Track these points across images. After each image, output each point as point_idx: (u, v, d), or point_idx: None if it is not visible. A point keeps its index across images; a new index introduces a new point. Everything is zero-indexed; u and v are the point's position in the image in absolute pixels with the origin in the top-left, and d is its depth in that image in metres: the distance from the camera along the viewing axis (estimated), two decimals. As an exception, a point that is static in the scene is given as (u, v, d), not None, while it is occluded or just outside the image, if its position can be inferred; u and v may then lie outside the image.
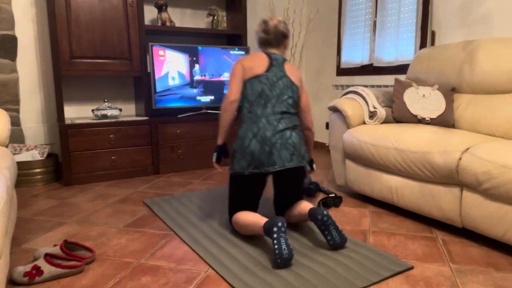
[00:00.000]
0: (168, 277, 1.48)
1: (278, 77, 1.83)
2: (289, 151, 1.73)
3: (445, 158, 1.79)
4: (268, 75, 1.82)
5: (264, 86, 1.79)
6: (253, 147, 1.70)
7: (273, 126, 1.73)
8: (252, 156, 1.70)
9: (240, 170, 1.73)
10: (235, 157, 1.76)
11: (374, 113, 2.40)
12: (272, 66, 1.85)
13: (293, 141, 1.75)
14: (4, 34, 2.84)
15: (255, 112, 1.77)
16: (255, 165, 1.71)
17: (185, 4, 3.52)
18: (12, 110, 2.93)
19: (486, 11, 2.55)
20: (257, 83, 1.80)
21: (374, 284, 1.42)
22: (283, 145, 1.72)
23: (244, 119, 1.79)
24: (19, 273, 1.43)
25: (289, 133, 1.75)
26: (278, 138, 1.72)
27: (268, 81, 1.81)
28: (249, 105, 1.79)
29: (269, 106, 1.77)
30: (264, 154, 1.70)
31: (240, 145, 1.74)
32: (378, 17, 3.20)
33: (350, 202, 2.38)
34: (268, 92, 1.79)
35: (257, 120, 1.75)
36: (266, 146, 1.70)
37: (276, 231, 1.52)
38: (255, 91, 1.79)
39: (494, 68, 2.21)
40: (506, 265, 1.57)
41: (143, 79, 3.07)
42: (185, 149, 3.18)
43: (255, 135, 1.72)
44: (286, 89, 1.83)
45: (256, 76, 1.81)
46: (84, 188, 2.72)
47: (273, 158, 1.70)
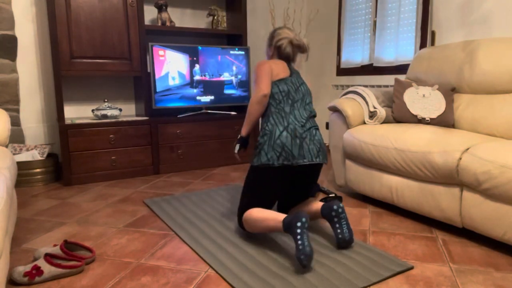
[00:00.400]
0: (168, 277, 1.48)
1: (299, 83, 1.89)
2: (316, 147, 1.76)
3: (445, 158, 1.79)
4: (292, 79, 1.87)
5: (290, 88, 1.83)
6: (284, 139, 1.70)
7: (301, 123, 1.77)
8: (282, 147, 1.69)
9: (269, 161, 1.69)
10: (262, 149, 1.73)
11: (374, 113, 2.40)
12: (293, 74, 1.91)
13: (319, 139, 1.79)
14: (4, 34, 2.84)
15: (283, 109, 1.79)
16: (285, 156, 1.69)
17: (185, 4, 3.52)
18: (12, 110, 2.93)
19: (486, 11, 2.55)
20: (283, 84, 1.83)
21: (374, 284, 1.42)
22: (311, 141, 1.75)
23: (272, 115, 1.79)
24: (19, 273, 1.43)
25: (315, 131, 1.80)
26: (308, 134, 1.75)
27: (293, 85, 1.85)
28: (276, 103, 1.81)
29: (295, 106, 1.81)
30: (296, 146, 1.70)
31: (269, 137, 1.73)
32: (378, 17, 3.20)
33: (350, 202, 2.38)
34: (294, 94, 1.83)
35: (286, 116, 1.77)
36: (297, 138, 1.71)
37: (300, 226, 1.48)
38: (282, 91, 1.82)
39: (494, 68, 2.21)
40: (506, 265, 1.57)
41: (143, 79, 3.07)
42: (185, 149, 3.18)
43: (286, 128, 1.73)
44: (307, 95, 1.89)
45: (282, 78, 1.85)
46: (84, 188, 2.72)
47: (303, 151, 1.71)
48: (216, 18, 3.43)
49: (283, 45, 1.91)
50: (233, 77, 3.37)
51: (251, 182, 1.77)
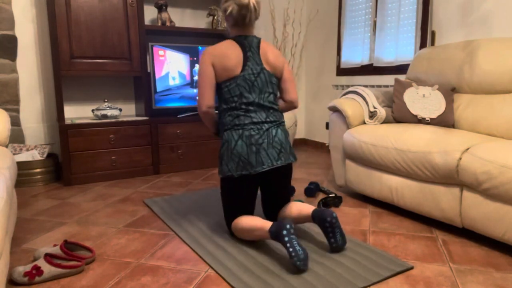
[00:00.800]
0: (168, 277, 1.48)
1: (256, 74, 1.72)
2: (276, 149, 1.68)
3: (445, 158, 1.79)
4: (244, 74, 1.70)
5: (242, 89, 1.70)
6: (240, 148, 1.65)
7: (258, 126, 1.69)
8: (239, 157, 1.65)
9: (229, 172, 1.68)
10: (222, 160, 1.70)
11: (374, 113, 2.41)
12: (248, 61, 1.72)
13: (279, 139, 1.70)
14: (4, 34, 2.84)
15: (237, 114, 1.70)
16: (243, 166, 1.65)
17: (185, 4, 3.52)
18: (12, 110, 2.93)
19: (486, 11, 2.55)
20: (234, 86, 1.70)
21: (374, 284, 1.42)
22: (270, 144, 1.68)
23: (226, 123, 1.72)
24: (19, 273, 1.43)
25: (275, 131, 1.71)
26: (265, 138, 1.67)
27: (246, 82, 1.70)
28: (229, 108, 1.72)
29: (250, 107, 1.70)
30: (252, 154, 1.65)
31: (227, 148, 1.69)
32: (378, 17, 3.20)
33: (350, 202, 2.38)
34: (247, 94, 1.70)
35: (241, 122, 1.69)
36: (252, 146, 1.66)
37: (286, 234, 1.48)
38: (233, 94, 1.71)
39: (494, 68, 2.21)
40: (506, 265, 1.57)
41: (143, 79, 3.07)
42: (185, 149, 3.18)
43: (241, 136, 1.67)
44: (265, 86, 1.74)
45: (232, 78, 1.70)
46: (84, 188, 2.72)
47: (260, 158, 1.65)
48: (216, 18, 3.43)
49: (228, 7, 1.72)
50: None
51: (223, 191, 1.77)
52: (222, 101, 1.74)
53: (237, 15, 1.71)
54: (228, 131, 1.70)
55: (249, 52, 1.73)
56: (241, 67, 1.71)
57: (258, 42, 1.77)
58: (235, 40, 1.76)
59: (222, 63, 1.70)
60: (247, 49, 1.73)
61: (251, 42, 1.75)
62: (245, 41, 1.75)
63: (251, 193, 1.76)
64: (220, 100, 1.77)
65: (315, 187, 2.48)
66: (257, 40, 1.77)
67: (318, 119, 4.17)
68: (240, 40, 1.75)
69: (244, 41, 1.75)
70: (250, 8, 1.70)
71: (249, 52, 1.73)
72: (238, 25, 1.76)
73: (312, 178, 2.96)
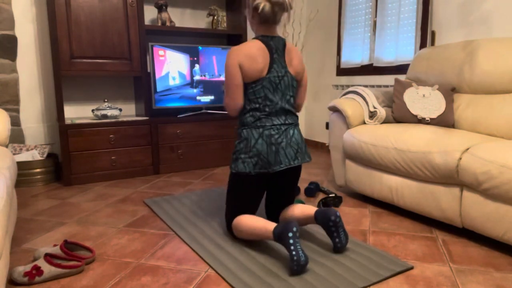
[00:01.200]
0: (168, 277, 1.48)
1: (280, 77, 1.71)
2: (294, 149, 1.70)
3: (445, 158, 1.79)
4: (270, 77, 1.68)
5: (267, 91, 1.69)
6: (260, 146, 1.65)
7: (277, 126, 1.69)
8: (258, 155, 1.65)
9: (245, 170, 1.67)
10: (239, 157, 1.69)
11: (374, 113, 2.40)
12: (274, 63, 1.69)
13: (296, 139, 1.72)
14: (4, 34, 2.84)
15: (259, 116, 1.70)
16: (262, 164, 1.65)
17: (185, 4, 3.52)
18: (12, 110, 2.93)
19: (486, 11, 2.55)
20: (260, 87, 1.68)
21: (374, 284, 1.42)
22: (288, 144, 1.69)
23: (247, 122, 1.71)
24: (19, 273, 1.43)
25: (292, 131, 1.72)
26: (283, 137, 1.68)
27: (271, 85, 1.69)
28: (251, 108, 1.71)
29: (272, 108, 1.70)
30: (271, 154, 1.65)
31: (245, 145, 1.68)
32: (378, 17, 3.20)
33: (350, 202, 2.38)
34: (271, 96, 1.69)
35: (261, 122, 1.69)
36: (273, 145, 1.66)
37: (292, 236, 1.46)
38: (258, 96, 1.69)
39: (494, 68, 2.21)
40: (506, 265, 1.57)
41: (143, 79, 3.07)
42: (185, 149, 3.18)
43: (261, 135, 1.67)
44: (287, 89, 1.73)
45: (259, 80, 1.68)
46: (84, 188, 2.72)
47: (279, 157, 1.66)
48: (216, 18, 3.43)
49: (260, 4, 1.62)
50: (233, 77, 3.37)
51: (233, 188, 1.76)
52: (246, 100, 1.72)
53: (269, 13, 1.64)
54: (248, 129, 1.70)
55: (275, 54, 1.69)
56: (267, 69, 1.68)
57: (284, 44, 1.73)
58: (261, 40, 1.69)
59: (249, 64, 1.65)
60: (273, 51, 1.69)
61: (277, 43, 1.71)
62: (272, 42, 1.69)
63: (261, 192, 1.77)
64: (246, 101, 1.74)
65: (315, 187, 2.48)
66: (283, 41, 1.73)
67: (318, 119, 4.17)
68: (266, 41, 1.69)
69: (271, 42, 1.69)
70: (285, 5, 1.64)
71: (275, 54, 1.69)
72: (267, 23, 1.68)
73: (312, 178, 2.96)
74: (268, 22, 1.67)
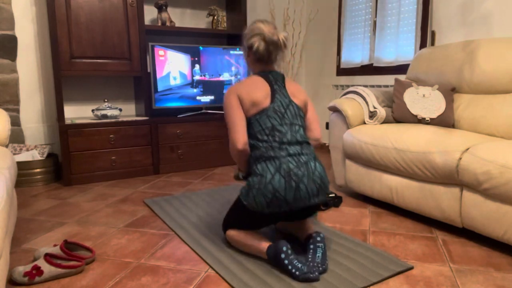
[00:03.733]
0: (168, 277, 1.48)
1: (285, 106, 1.60)
2: (316, 184, 1.51)
3: (445, 158, 1.79)
4: (274, 106, 1.58)
5: (274, 121, 1.56)
6: (277, 183, 1.46)
7: (296, 158, 1.52)
8: (274, 193, 1.46)
9: (256, 208, 1.52)
10: (250, 191, 1.52)
11: (374, 113, 2.40)
12: (275, 94, 1.61)
13: (319, 173, 1.54)
14: (4, 34, 2.84)
15: (271, 147, 1.54)
16: (277, 204, 1.48)
17: (185, 4, 3.52)
18: (12, 110, 2.93)
19: (486, 11, 2.55)
20: (265, 118, 1.56)
21: (374, 284, 1.42)
22: (310, 178, 1.50)
23: (259, 155, 1.55)
24: (19, 273, 1.43)
25: (313, 164, 1.54)
26: (304, 171, 1.50)
27: (277, 114, 1.58)
28: (261, 142, 1.56)
29: (284, 140, 1.55)
30: (290, 190, 1.47)
31: (259, 181, 1.49)
32: (378, 17, 3.20)
33: (350, 202, 2.38)
34: (280, 126, 1.56)
35: (276, 154, 1.52)
36: (292, 181, 1.47)
37: (285, 257, 1.45)
38: (264, 127, 1.56)
39: (494, 68, 2.21)
40: (506, 265, 1.57)
41: (143, 79, 3.07)
42: (185, 149, 3.18)
43: (278, 169, 1.48)
44: (295, 119, 1.61)
45: (263, 110, 1.57)
46: (84, 188, 2.72)
47: (299, 194, 1.48)
48: (216, 18, 3.43)
49: (254, 43, 1.60)
50: (232, 77, 3.38)
51: (238, 209, 1.62)
52: (252, 135, 1.59)
53: (263, 52, 1.61)
54: (263, 163, 1.52)
55: (276, 85, 1.63)
56: (269, 98, 1.59)
57: (283, 77, 1.69)
58: (259, 75, 1.66)
59: (249, 96, 1.58)
60: (273, 82, 1.64)
61: (276, 76, 1.66)
62: (270, 75, 1.65)
63: (268, 223, 1.65)
64: (249, 135, 1.61)
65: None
66: (281, 75, 1.69)
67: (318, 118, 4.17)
68: (264, 75, 1.65)
69: (269, 75, 1.66)
70: (279, 45, 1.61)
71: (276, 85, 1.63)
72: (263, 62, 1.66)
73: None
74: (263, 60, 1.65)
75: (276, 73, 1.68)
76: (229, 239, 1.70)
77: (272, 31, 1.60)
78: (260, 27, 1.61)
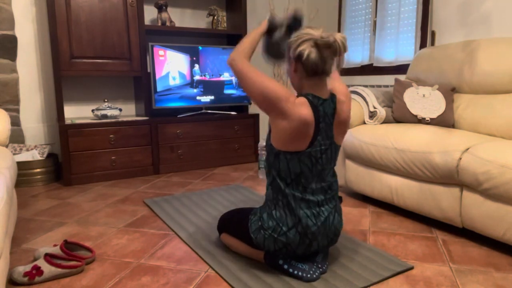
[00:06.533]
0: (168, 277, 1.48)
1: (323, 151, 1.38)
2: (329, 238, 1.45)
3: (445, 158, 1.79)
4: (311, 151, 1.35)
5: (304, 168, 1.37)
6: (291, 237, 1.39)
7: (316, 213, 1.40)
8: (286, 245, 1.41)
9: (264, 248, 1.46)
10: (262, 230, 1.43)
11: (374, 113, 2.40)
12: (318, 136, 1.35)
13: (336, 227, 1.45)
14: (4, 34, 2.84)
15: (293, 193, 1.39)
16: (285, 251, 1.43)
17: (185, 4, 3.52)
18: (12, 110, 2.93)
19: (486, 11, 2.55)
20: (296, 162, 1.36)
21: (374, 284, 1.42)
22: (324, 235, 1.43)
23: (280, 198, 1.42)
24: (19, 273, 1.43)
25: (332, 218, 1.43)
26: (322, 229, 1.41)
27: (310, 160, 1.37)
28: (284, 182, 1.40)
29: (309, 188, 1.40)
30: (302, 245, 1.41)
31: (274, 228, 1.40)
32: (378, 17, 3.20)
33: (350, 202, 2.38)
34: (309, 173, 1.38)
35: (296, 205, 1.39)
36: (307, 238, 1.40)
37: (283, 262, 1.45)
38: (292, 171, 1.38)
39: (494, 68, 2.21)
40: (506, 265, 1.57)
41: (143, 79, 3.07)
42: (185, 149, 3.18)
43: (296, 225, 1.38)
44: (329, 162, 1.42)
45: (296, 153, 1.35)
46: (84, 188, 2.72)
47: (310, 249, 1.43)
48: (216, 18, 3.43)
49: (304, 51, 1.29)
50: (233, 77, 3.38)
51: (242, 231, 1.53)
52: (275, 170, 1.42)
53: (317, 60, 1.31)
54: (281, 210, 1.41)
55: (323, 123, 1.36)
56: (309, 140, 1.34)
57: (335, 105, 1.40)
58: (309, 101, 1.34)
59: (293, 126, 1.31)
60: (320, 119, 1.35)
61: (327, 109, 1.37)
62: (321, 108, 1.35)
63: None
64: (273, 166, 1.43)
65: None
66: (333, 104, 1.39)
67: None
68: (315, 106, 1.34)
69: (320, 107, 1.35)
70: (337, 48, 1.30)
71: (323, 123, 1.36)
72: (316, 75, 1.35)
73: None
74: (316, 74, 1.35)
75: (329, 102, 1.38)
76: (224, 242, 1.69)
77: (324, 34, 1.30)
78: (309, 32, 1.31)
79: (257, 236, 1.45)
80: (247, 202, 2.35)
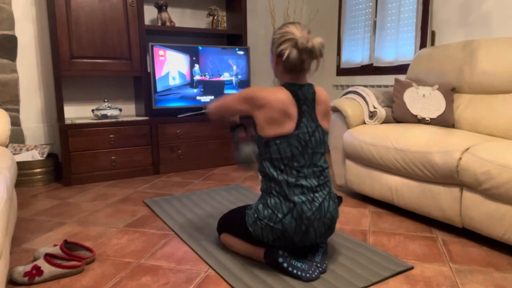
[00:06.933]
0: (168, 277, 1.48)
1: (311, 133, 1.45)
2: (326, 226, 1.47)
3: (445, 158, 1.79)
4: (299, 134, 1.43)
5: (295, 151, 1.43)
6: (287, 224, 1.41)
7: (310, 198, 1.44)
8: (282, 233, 1.43)
9: (262, 239, 1.48)
10: (258, 221, 1.46)
11: (374, 113, 2.40)
12: (302, 118, 1.44)
13: (331, 214, 1.48)
14: (4, 34, 2.84)
15: (286, 179, 1.43)
16: (284, 241, 1.45)
17: (185, 4, 3.52)
18: (12, 110, 2.93)
19: (486, 11, 2.55)
20: (286, 146, 1.42)
21: (374, 284, 1.42)
22: (321, 221, 1.45)
23: (273, 186, 1.46)
24: (19, 273, 1.43)
25: (327, 204, 1.47)
26: (317, 214, 1.44)
27: (300, 143, 1.43)
28: (277, 170, 1.45)
29: (301, 172, 1.45)
30: (299, 233, 1.43)
31: (270, 217, 1.43)
32: (378, 17, 3.20)
33: (350, 202, 2.38)
34: (300, 156, 1.44)
35: (290, 191, 1.43)
36: (303, 224, 1.42)
37: (282, 261, 1.45)
38: (284, 156, 1.43)
39: (494, 68, 2.21)
40: (506, 265, 1.57)
41: (143, 79, 3.07)
42: (185, 149, 3.18)
43: (291, 210, 1.41)
44: (318, 146, 1.48)
45: (284, 136, 1.42)
46: (84, 188, 2.72)
47: (307, 236, 1.45)
48: (216, 18, 3.43)
49: (285, 51, 1.40)
50: (233, 77, 3.38)
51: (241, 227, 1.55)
52: (268, 160, 1.47)
53: (295, 60, 1.41)
54: (276, 198, 1.45)
55: (304, 105, 1.45)
56: (294, 123, 1.43)
57: (314, 93, 1.49)
58: (288, 89, 1.45)
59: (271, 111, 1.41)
60: (301, 102, 1.45)
61: (306, 93, 1.47)
62: (300, 92, 1.45)
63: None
64: (264, 158, 1.48)
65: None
66: (312, 90, 1.49)
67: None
68: (294, 90, 1.45)
69: (299, 91, 1.45)
70: (314, 53, 1.38)
71: (304, 105, 1.45)
72: (294, 72, 1.46)
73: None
74: (294, 70, 1.45)
75: (307, 88, 1.48)
76: (224, 243, 1.69)
77: (306, 36, 1.37)
78: (292, 31, 1.40)
79: (255, 228, 1.48)
80: (247, 202, 2.35)
